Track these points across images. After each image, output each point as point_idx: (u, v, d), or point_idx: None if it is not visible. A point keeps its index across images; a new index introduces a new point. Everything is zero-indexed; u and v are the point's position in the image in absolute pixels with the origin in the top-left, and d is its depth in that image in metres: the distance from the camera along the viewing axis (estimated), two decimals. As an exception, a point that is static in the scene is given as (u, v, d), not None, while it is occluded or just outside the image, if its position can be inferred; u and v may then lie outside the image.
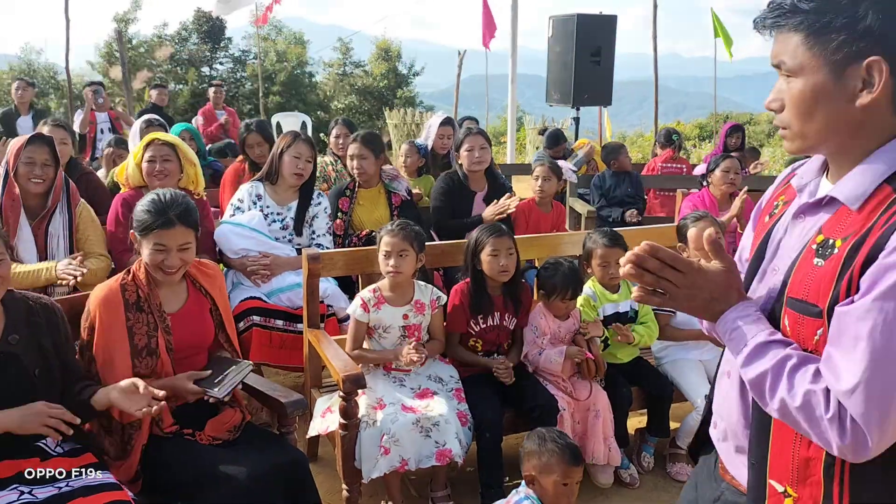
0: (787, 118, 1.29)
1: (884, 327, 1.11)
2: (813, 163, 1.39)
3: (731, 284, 1.30)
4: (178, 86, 25.53)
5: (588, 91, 9.00)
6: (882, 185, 1.21)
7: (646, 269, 1.28)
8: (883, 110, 1.22)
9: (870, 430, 1.13)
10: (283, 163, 3.77)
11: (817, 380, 1.18)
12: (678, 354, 3.47)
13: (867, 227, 1.18)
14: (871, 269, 1.14)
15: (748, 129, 22.31)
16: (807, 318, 1.23)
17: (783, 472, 1.29)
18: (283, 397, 2.54)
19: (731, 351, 1.29)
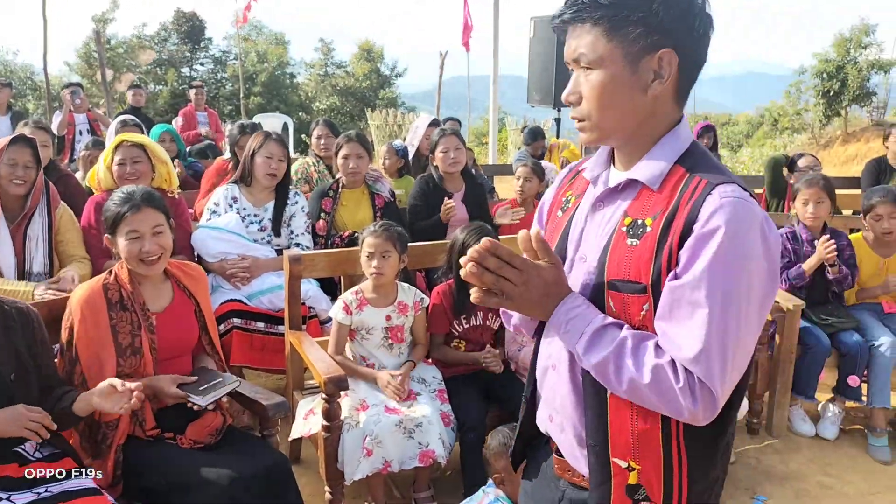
0: (586, 110, 1.33)
1: (717, 291, 1.19)
2: (599, 156, 1.45)
3: (561, 280, 1.33)
4: (158, 87, 25.35)
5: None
6: (675, 166, 1.31)
7: (486, 269, 1.27)
8: (669, 100, 1.33)
9: (716, 388, 1.21)
10: (256, 164, 3.75)
11: (660, 354, 1.24)
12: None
13: (673, 204, 1.26)
14: (689, 241, 1.22)
15: (727, 129, 22.55)
16: (631, 297, 1.29)
17: (624, 449, 1.32)
18: (264, 400, 2.52)
19: (568, 342, 1.31)
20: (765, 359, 3.68)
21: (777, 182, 5.13)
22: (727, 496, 3.22)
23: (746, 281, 1.21)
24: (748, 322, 1.23)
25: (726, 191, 1.23)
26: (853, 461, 3.56)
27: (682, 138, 1.34)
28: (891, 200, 3.83)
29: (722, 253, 1.19)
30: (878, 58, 16.91)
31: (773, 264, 1.26)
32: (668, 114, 1.34)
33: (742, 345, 1.24)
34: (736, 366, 1.24)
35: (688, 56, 1.30)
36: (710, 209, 1.21)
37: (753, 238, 1.21)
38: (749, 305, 1.22)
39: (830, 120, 17.99)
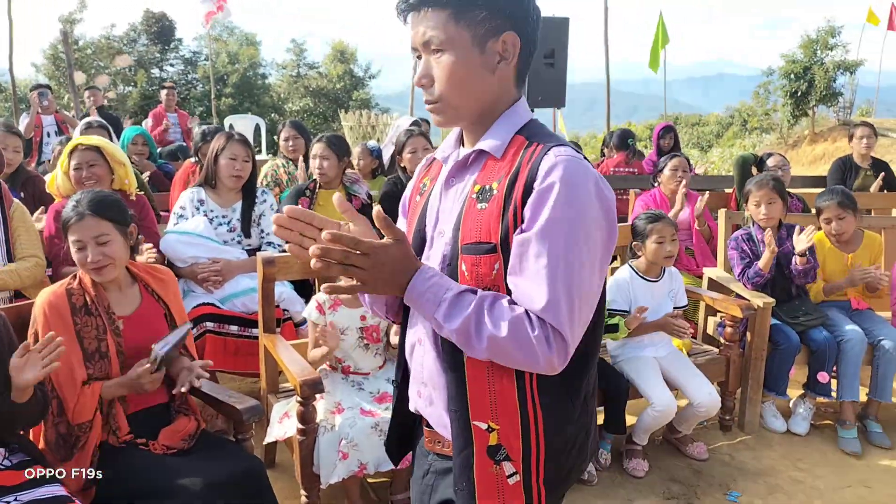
0: (439, 92, 1.39)
1: (559, 240, 1.27)
2: (448, 139, 1.53)
3: (408, 254, 1.34)
4: (128, 88, 25.04)
5: (542, 92, 9.04)
6: (515, 136, 1.40)
7: (332, 260, 1.27)
8: (511, 81, 1.42)
9: (567, 333, 1.28)
10: (220, 166, 3.71)
11: (514, 308, 1.29)
12: (633, 352, 3.52)
13: (515, 167, 1.35)
14: (531, 197, 1.29)
15: (697, 129, 22.79)
16: (482, 257, 1.35)
17: (483, 410, 1.38)
18: (238, 404, 2.50)
19: (427, 312, 1.33)
20: (736, 356, 3.72)
21: (746, 181, 5.19)
22: (702, 493, 3.25)
23: (584, 231, 1.29)
24: (591, 270, 1.31)
25: (560, 151, 1.32)
26: (824, 455, 3.62)
27: (521, 114, 1.43)
28: (836, 203, 3.90)
29: (560, 205, 1.27)
30: (843, 58, 17.22)
31: (610, 214, 1.34)
32: (510, 94, 1.43)
33: (587, 291, 1.30)
34: (583, 311, 1.31)
35: (526, 39, 1.39)
36: (547, 167, 1.29)
37: (588, 192, 1.30)
38: (590, 253, 1.30)
39: (798, 120, 18.28)
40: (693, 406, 3.40)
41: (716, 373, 3.68)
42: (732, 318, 3.67)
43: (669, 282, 3.59)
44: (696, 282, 4.39)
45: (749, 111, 21.50)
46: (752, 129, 20.78)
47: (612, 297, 3.52)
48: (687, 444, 3.57)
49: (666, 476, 3.38)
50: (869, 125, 6.01)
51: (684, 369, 3.49)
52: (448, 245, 1.41)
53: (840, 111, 18.52)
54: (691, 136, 20.76)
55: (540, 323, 1.28)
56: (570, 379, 1.38)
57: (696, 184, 5.76)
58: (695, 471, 3.43)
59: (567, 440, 1.43)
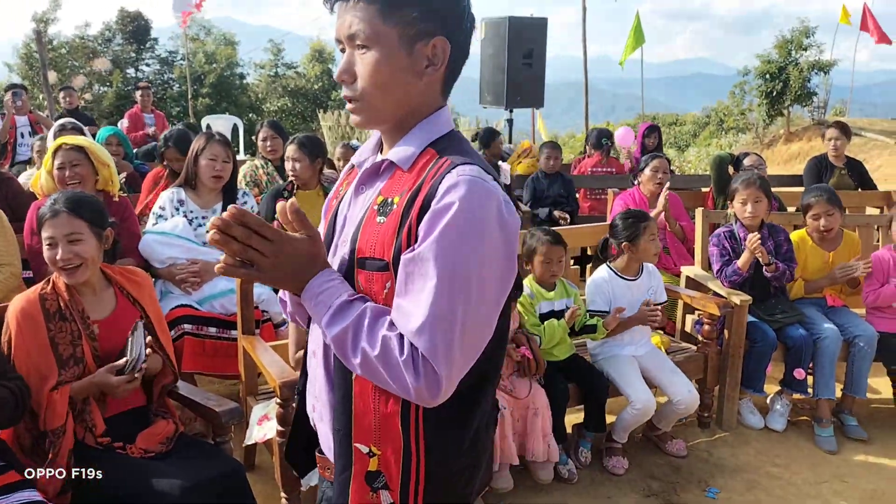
0: (360, 90, 1.31)
1: (447, 264, 1.19)
2: (368, 143, 1.47)
3: (317, 254, 1.30)
4: (103, 88, 24.75)
5: (521, 93, 9.11)
6: (427, 148, 1.33)
7: (233, 237, 1.21)
8: (437, 88, 1.35)
9: (439, 364, 1.18)
10: (200, 166, 3.68)
11: (393, 328, 1.23)
12: (613, 351, 3.54)
13: (418, 182, 1.27)
14: (426, 216, 1.22)
15: (674, 129, 22.98)
16: (375, 274, 1.28)
17: (367, 433, 1.32)
18: (217, 406, 2.48)
19: (317, 316, 1.28)
20: (714, 354, 3.75)
21: (722, 180, 5.25)
22: (681, 489, 3.28)
23: (478, 258, 1.20)
24: (481, 301, 1.22)
25: (465, 170, 1.24)
26: (801, 452, 3.66)
27: (439, 124, 1.36)
28: (825, 199, 3.95)
29: (453, 228, 1.19)
30: (818, 59, 17.43)
31: (510, 246, 1.27)
32: (434, 102, 1.36)
33: (473, 324, 1.22)
34: (465, 346, 1.22)
35: (458, 47, 1.32)
36: (447, 185, 1.22)
37: (487, 217, 1.22)
38: (482, 284, 1.22)
39: (773, 119, 18.47)
40: (672, 404, 3.42)
41: (694, 370, 3.71)
42: (710, 315, 3.70)
43: (648, 279, 3.61)
44: (673, 280, 4.43)
45: (725, 111, 21.70)
46: (728, 129, 20.97)
47: (591, 297, 3.54)
48: (666, 441, 3.59)
49: (645, 473, 3.41)
50: (840, 126, 6.07)
51: (663, 367, 3.51)
52: (346, 256, 1.34)
53: (814, 111, 18.74)
54: (668, 135, 20.89)
55: (411, 347, 1.20)
56: (460, 409, 1.30)
57: (674, 183, 5.80)
58: (674, 467, 3.46)
59: (451, 474, 1.35)
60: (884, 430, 3.82)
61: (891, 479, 3.41)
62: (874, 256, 3.98)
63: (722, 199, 5.22)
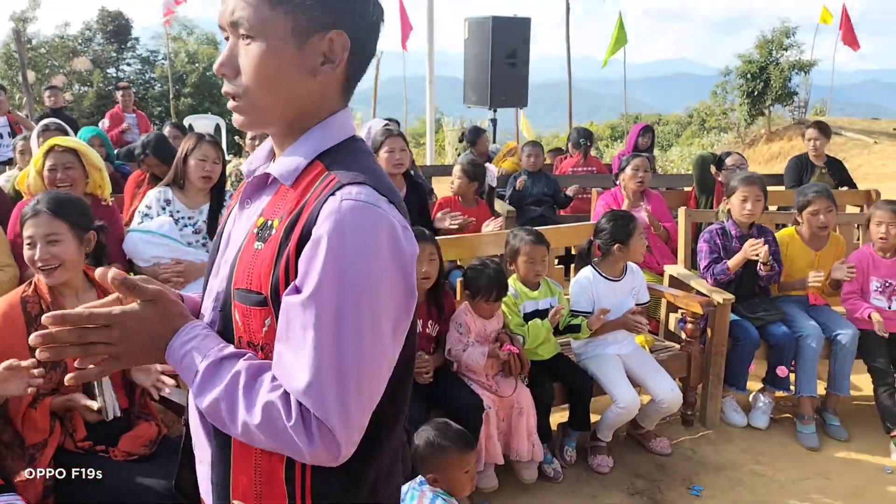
0: (243, 86, 1.14)
1: (329, 308, 1.04)
2: (262, 149, 1.30)
3: (166, 313, 1.14)
4: (84, 88, 24.52)
5: (505, 93, 9.13)
6: (315, 161, 1.16)
7: (66, 344, 1.07)
8: (336, 89, 1.19)
9: (334, 426, 1.04)
10: (189, 167, 3.66)
11: (275, 387, 1.07)
12: (597, 350, 3.55)
13: (301, 204, 1.11)
14: (306, 248, 1.06)
15: (657, 129, 23.11)
16: (253, 309, 1.13)
17: (247, 490, 1.18)
18: (201, 408, 2.46)
19: (187, 382, 1.12)
20: (697, 352, 3.77)
21: (705, 179, 5.28)
22: (665, 487, 3.29)
23: (367, 297, 1.05)
24: (375, 346, 1.07)
25: (351, 192, 1.07)
26: (784, 449, 3.69)
27: (333, 130, 1.19)
28: (826, 196, 3.98)
29: (333, 263, 1.03)
30: (798, 58, 17.59)
31: (407, 278, 1.11)
32: (331, 104, 1.19)
33: (369, 371, 1.08)
34: (362, 397, 1.07)
35: (359, 43, 1.15)
36: (327, 212, 1.06)
37: (375, 246, 1.06)
38: (375, 324, 1.07)
39: (755, 119, 18.62)
40: (656, 402, 3.44)
41: (677, 369, 3.73)
42: (693, 314, 3.72)
43: (631, 280, 3.62)
44: (657, 279, 4.45)
45: (707, 111, 21.86)
46: (710, 129, 21.12)
47: (575, 298, 3.55)
48: (650, 440, 3.61)
49: (630, 471, 3.42)
50: (819, 126, 6.12)
51: (647, 366, 3.53)
52: (224, 283, 1.19)
53: (795, 110, 18.91)
54: (651, 135, 21.01)
55: (299, 410, 1.04)
56: (354, 460, 1.12)
57: (656, 182, 5.84)
58: (658, 466, 3.48)
59: None
60: (865, 427, 3.86)
61: (872, 476, 3.45)
62: (854, 255, 4.01)
63: (704, 198, 5.25)
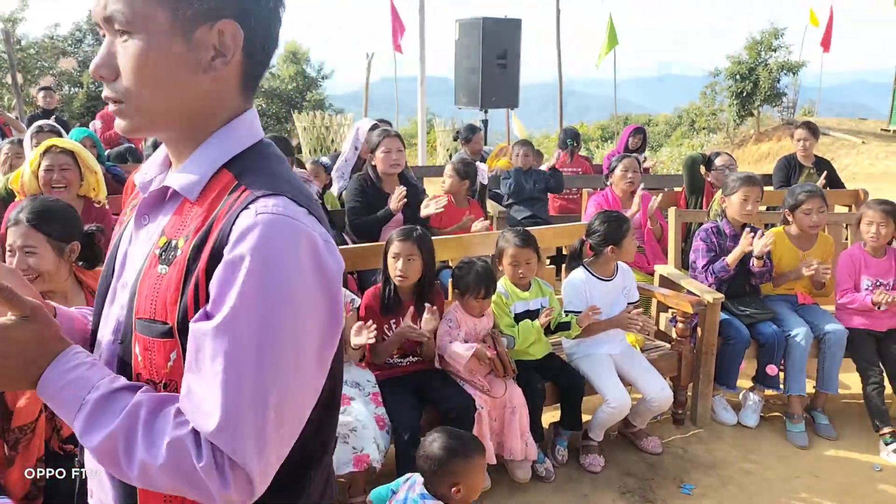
0: (124, 88, 1.01)
1: (247, 335, 0.93)
2: (156, 157, 1.17)
3: (44, 335, 0.99)
4: (74, 89, 24.40)
5: (496, 93, 9.14)
6: (221, 170, 1.05)
7: None
8: (235, 87, 1.07)
9: (250, 466, 0.94)
10: None
11: (182, 423, 0.95)
12: (589, 349, 3.56)
13: (209, 221, 1.00)
14: (217, 270, 0.95)
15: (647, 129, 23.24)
16: (156, 342, 1.01)
17: None
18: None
19: (66, 417, 0.98)
20: (688, 351, 3.79)
21: (695, 180, 5.31)
22: (656, 486, 3.31)
23: (289, 321, 0.95)
24: (297, 372, 0.97)
25: (267, 205, 0.97)
26: (773, 447, 3.71)
27: (240, 135, 1.08)
28: (818, 196, 4.02)
29: (253, 286, 0.93)
30: (787, 59, 17.69)
31: (332, 298, 1.01)
32: (231, 105, 1.07)
33: (291, 405, 0.98)
34: (282, 433, 0.97)
35: (255, 33, 1.04)
36: (242, 228, 0.95)
37: (297, 264, 0.96)
38: (297, 350, 0.97)
39: (744, 120, 18.71)
40: (646, 401, 3.46)
41: (668, 368, 3.75)
42: (683, 313, 3.74)
43: (622, 279, 3.64)
44: (647, 279, 4.47)
45: (697, 111, 21.95)
46: (699, 129, 21.21)
47: (568, 299, 3.57)
48: (641, 439, 3.63)
49: (621, 470, 3.44)
50: (808, 126, 6.16)
51: (638, 365, 3.55)
52: (124, 311, 1.06)
53: (784, 111, 19.01)
54: (641, 136, 21.10)
55: (211, 450, 0.93)
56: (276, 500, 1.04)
57: (646, 183, 5.86)
58: (649, 464, 3.49)
59: None
60: (854, 426, 3.89)
61: (861, 474, 3.48)
62: (844, 255, 4.05)
63: (694, 199, 5.28)
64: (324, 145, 12.64)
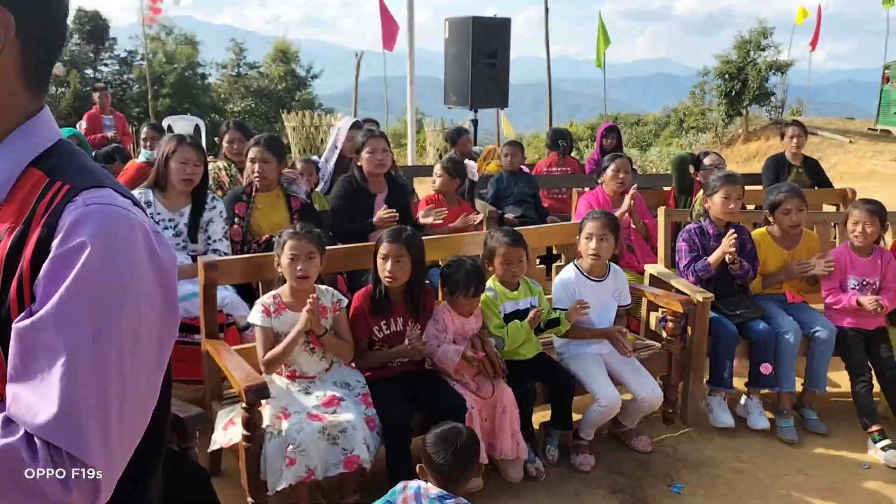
0: None
1: (86, 325, 0.89)
2: None
3: None
4: (60, 89, 24.26)
5: (485, 93, 9.15)
6: (28, 168, 1.01)
7: None
8: (15, 83, 1.00)
9: (95, 463, 0.88)
10: (171, 169, 3.64)
11: (11, 430, 0.88)
12: (579, 349, 3.56)
13: (25, 218, 0.96)
14: (46, 265, 0.91)
15: (636, 129, 23.29)
16: None
17: None
18: (181, 412, 2.44)
19: None
20: (678, 350, 3.80)
21: (684, 179, 5.32)
22: (647, 485, 3.31)
23: (129, 311, 0.93)
24: (140, 365, 0.94)
25: (94, 196, 0.95)
26: (763, 445, 3.72)
27: (39, 134, 1.03)
28: (797, 195, 4.03)
29: (90, 276, 0.90)
30: (775, 59, 17.79)
31: (168, 289, 1.00)
32: (17, 103, 1.01)
33: (133, 397, 0.94)
34: (127, 429, 0.93)
35: (29, 21, 0.96)
36: (72, 219, 0.92)
37: (134, 256, 0.95)
38: (137, 342, 0.94)
39: (732, 119, 18.80)
40: (637, 401, 3.46)
41: (658, 367, 3.76)
42: (673, 313, 3.75)
43: (614, 281, 3.64)
44: (637, 278, 4.48)
45: (686, 111, 22.05)
46: (688, 129, 21.30)
47: (558, 297, 3.57)
48: (632, 438, 3.63)
49: (612, 469, 3.44)
50: (799, 124, 6.21)
51: (628, 365, 3.55)
52: None
53: (772, 110, 19.12)
54: (630, 135, 21.17)
55: (47, 452, 0.86)
56: None
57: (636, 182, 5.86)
58: (640, 464, 3.50)
59: None
60: (843, 424, 3.91)
61: (850, 472, 3.49)
62: (832, 253, 4.06)
63: (683, 198, 5.29)
64: (313, 145, 12.61)
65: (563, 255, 4.24)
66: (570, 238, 4.05)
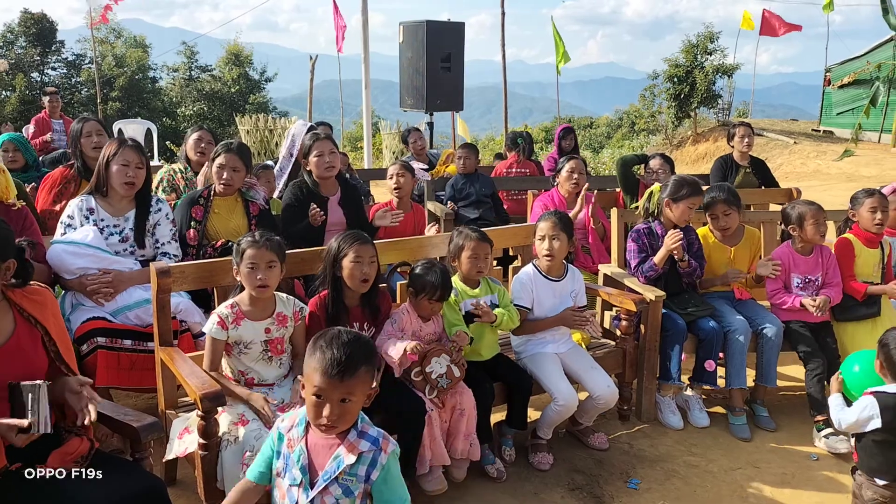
0: None
1: None
2: None
3: None
4: (6, 93, 23.58)
5: (441, 96, 9.18)
6: None
7: None
8: None
9: None
10: (111, 173, 3.55)
11: None
12: (536, 349, 3.60)
13: None
14: None
15: (589, 132, 23.58)
16: None
17: None
18: (135, 422, 2.39)
19: None
20: (632, 348, 3.86)
21: (628, 180, 5.40)
22: (604, 482, 3.36)
23: None
24: None
25: None
26: (716, 440, 3.81)
27: None
28: (723, 199, 4.12)
29: None
30: (721, 62, 18.20)
31: None
32: None
33: None
34: None
35: None
36: None
37: None
38: None
39: (681, 121, 19.17)
40: (593, 398, 3.51)
41: (613, 365, 3.82)
42: (627, 311, 3.81)
43: (572, 282, 3.69)
44: (592, 278, 4.54)
45: (636, 113, 22.41)
46: (639, 131, 21.66)
47: (516, 294, 3.60)
48: (588, 436, 3.68)
49: (570, 467, 3.48)
50: (748, 125, 6.38)
51: (584, 363, 3.60)
52: None
53: (719, 113, 19.55)
54: (583, 137, 21.45)
55: None
56: None
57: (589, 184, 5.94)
58: (597, 461, 3.55)
59: None
60: (793, 417, 4.02)
61: (799, 464, 3.59)
62: (775, 253, 4.17)
63: (630, 198, 5.37)
64: (267, 149, 12.47)
65: (520, 256, 4.26)
66: (526, 240, 4.10)
